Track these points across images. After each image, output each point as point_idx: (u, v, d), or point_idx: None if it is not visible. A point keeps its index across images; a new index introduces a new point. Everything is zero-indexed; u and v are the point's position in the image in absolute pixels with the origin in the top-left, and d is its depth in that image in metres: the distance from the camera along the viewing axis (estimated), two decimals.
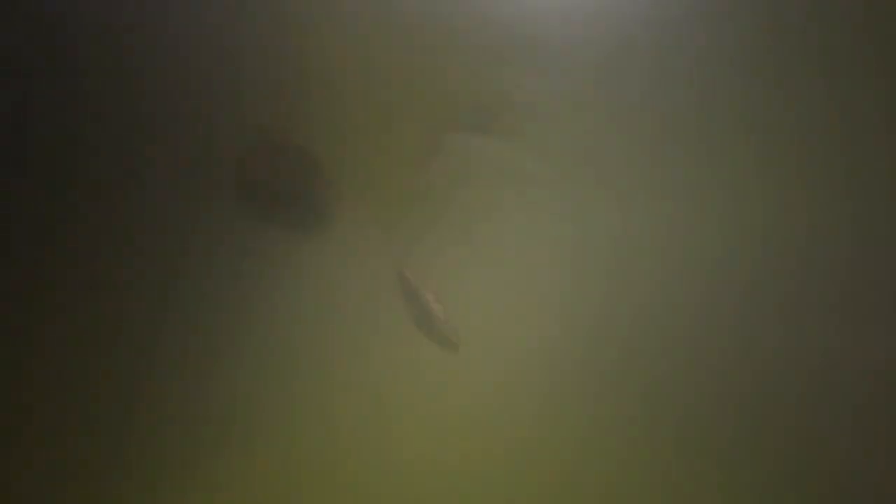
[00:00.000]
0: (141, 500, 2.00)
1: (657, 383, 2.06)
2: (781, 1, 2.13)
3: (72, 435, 2.03)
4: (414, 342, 2.09)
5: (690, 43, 2.13)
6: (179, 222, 2.12)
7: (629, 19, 2.13)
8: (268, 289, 2.10)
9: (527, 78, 2.13)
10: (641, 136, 2.14)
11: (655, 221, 2.11)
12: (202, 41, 2.17)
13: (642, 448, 2.04)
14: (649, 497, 2.02)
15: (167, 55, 2.17)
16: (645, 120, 2.15)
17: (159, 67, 2.17)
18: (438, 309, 2.06)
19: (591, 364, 2.07)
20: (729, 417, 2.04)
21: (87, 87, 2.16)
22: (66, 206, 2.13)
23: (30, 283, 2.09)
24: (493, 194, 2.14)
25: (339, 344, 2.10)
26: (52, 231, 2.12)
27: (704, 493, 2.01)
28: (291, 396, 2.07)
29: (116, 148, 2.15)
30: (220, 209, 2.12)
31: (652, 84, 2.14)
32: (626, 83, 2.14)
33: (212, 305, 2.09)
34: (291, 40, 2.18)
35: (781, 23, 2.12)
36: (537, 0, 2.18)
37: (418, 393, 2.08)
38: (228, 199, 2.12)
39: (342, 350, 2.10)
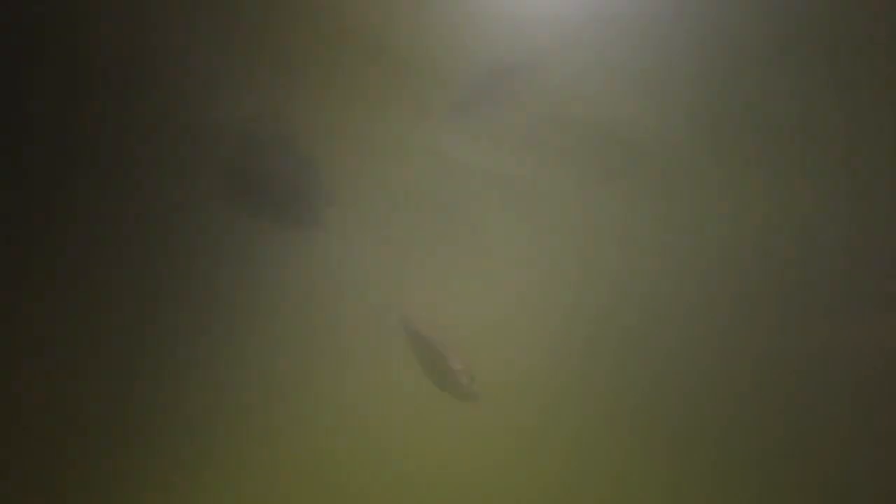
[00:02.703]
0: (133, 499, 2.01)
1: (659, 385, 2.04)
2: None
3: (68, 434, 2.04)
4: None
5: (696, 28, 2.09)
6: (175, 223, 2.13)
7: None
8: (263, 289, 2.11)
9: (530, 54, 2.08)
10: (643, 131, 2.12)
11: (659, 220, 2.09)
12: (201, 41, 2.18)
13: (643, 451, 2.02)
14: (652, 497, 2.00)
15: (165, 55, 2.18)
16: (648, 111, 2.12)
17: (158, 68, 2.18)
18: (455, 359, 1.87)
19: (592, 366, 2.06)
20: (732, 413, 2.02)
21: (85, 88, 2.17)
22: (65, 207, 2.14)
23: (29, 284, 2.11)
24: (490, 196, 2.13)
25: (333, 343, 2.10)
26: (52, 232, 2.14)
27: (707, 493, 1.99)
28: (283, 397, 2.08)
29: (115, 149, 2.16)
30: (216, 210, 2.13)
31: (657, 72, 2.11)
32: (631, 72, 2.10)
33: (208, 306, 2.10)
34: (288, 38, 2.18)
35: (791, 13, 2.08)
36: None
37: (412, 393, 2.07)
38: (224, 200, 2.13)
39: (336, 349, 2.10)
